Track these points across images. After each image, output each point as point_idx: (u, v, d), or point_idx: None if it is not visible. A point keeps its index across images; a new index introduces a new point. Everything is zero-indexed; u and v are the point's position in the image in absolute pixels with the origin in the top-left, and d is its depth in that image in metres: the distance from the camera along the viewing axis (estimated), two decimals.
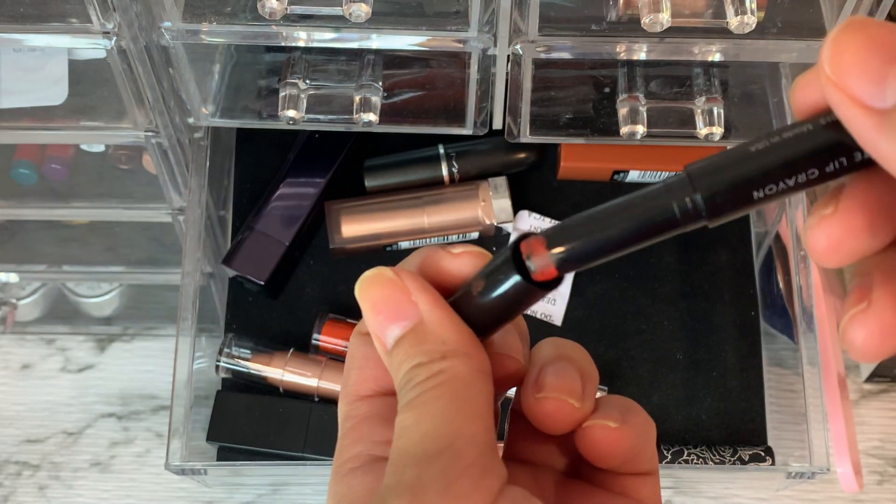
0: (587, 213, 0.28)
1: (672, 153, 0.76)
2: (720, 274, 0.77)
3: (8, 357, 0.83)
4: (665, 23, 0.55)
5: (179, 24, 0.57)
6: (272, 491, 0.78)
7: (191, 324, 0.69)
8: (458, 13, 0.58)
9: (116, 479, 0.79)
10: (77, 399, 0.81)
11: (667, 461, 0.71)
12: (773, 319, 0.77)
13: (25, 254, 0.79)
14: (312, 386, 0.72)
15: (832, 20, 0.57)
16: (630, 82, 0.64)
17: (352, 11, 0.54)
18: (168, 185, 0.69)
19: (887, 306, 0.25)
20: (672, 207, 0.27)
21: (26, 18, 0.57)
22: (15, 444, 0.80)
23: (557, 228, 0.28)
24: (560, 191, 0.79)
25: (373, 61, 0.64)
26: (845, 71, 0.23)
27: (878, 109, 0.23)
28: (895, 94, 0.23)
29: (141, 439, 0.80)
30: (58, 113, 0.64)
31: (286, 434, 0.71)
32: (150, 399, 0.81)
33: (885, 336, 0.25)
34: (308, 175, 0.77)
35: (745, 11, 0.54)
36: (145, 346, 0.83)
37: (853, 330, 0.25)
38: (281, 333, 0.76)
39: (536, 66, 0.60)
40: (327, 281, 0.77)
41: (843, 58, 0.23)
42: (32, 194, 0.72)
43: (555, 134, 0.67)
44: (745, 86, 0.66)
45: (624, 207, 0.28)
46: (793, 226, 0.72)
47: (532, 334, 0.33)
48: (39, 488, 0.78)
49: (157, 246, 0.79)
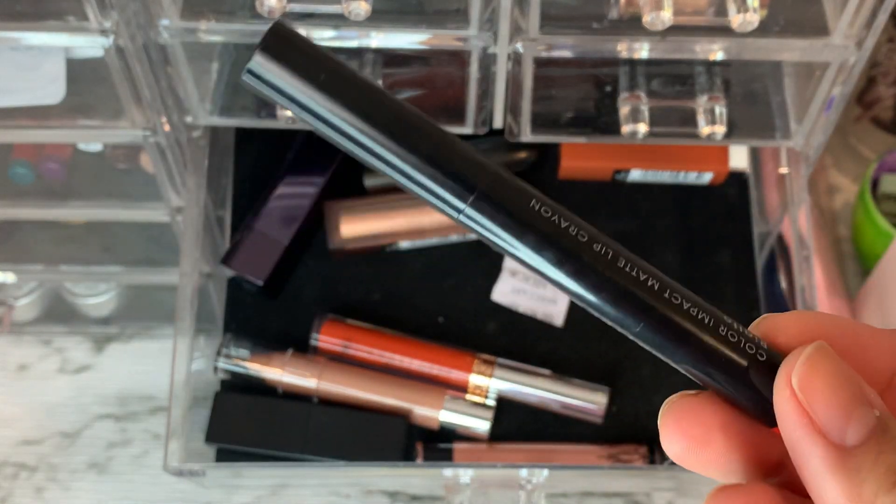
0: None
1: (674, 152, 0.76)
2: (722, 274, 0.77)
3: (5, 357, 0.83)
4: (667, 21, 0.54)
5: (177, 23, 0.57)
6: (271, 492, 0.77)
7: (189, 324, 0.69)
8: (458, 11, 0.58)
9: (114, 480, 0.78)
10: (74, 400, 0.81)
11: (669, 462, 0.70)
12: None
13: (22, 254, 0.78)
14: (311, 387, 0.72)
15: (835, 19, 0.57)
16: (631, 81, 0.64)
17: (351, 9, 0.54)
18: (166, 185, 0.69)
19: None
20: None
21: (23, 16, 0.57)
22: (11, 446, 0.80)
23: None
24: (561, 190, 0.78)
25: (372, 60, 0.64)
26: (815, 395, 0.23)
27: (837, 445, 0.22)
28: (856, 434, 0.22)
29: (139, 440, 0.80)
30: (55, 112, 0.63)
31: (285, 435, 0.71)
32: (147, 400, 0.81)
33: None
34: (307, 175, 0.76)
35: (747, 9, 0.54)
36: (143, 347, 0.83)
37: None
38: (280, 334, 0.75)
39: (537, 65, 0.60)
40: (326, 281, 0.77)
41: (815, 381, 0.23)
42: (29, 194, 0.72)
43: (555, 133, 0.66)
44: (748, 84, 0.66)
45: None
46: (795, 226, 0.72)
47: (533, 335, 0.33)
48: (36, 490, 0.78)
49: (155, 246, 0.78)
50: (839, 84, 0.60)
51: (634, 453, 0.72)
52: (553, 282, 0.24)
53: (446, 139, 0.24)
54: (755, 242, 0.78)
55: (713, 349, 0.25)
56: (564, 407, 0.73)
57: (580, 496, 0.76)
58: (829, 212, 0.88)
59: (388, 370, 0.73)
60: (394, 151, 0.23)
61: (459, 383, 0.72)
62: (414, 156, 0.23)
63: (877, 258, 0.78)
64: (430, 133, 0.24)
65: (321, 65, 0.23)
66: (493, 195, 0.24)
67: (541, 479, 0.68)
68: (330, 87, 0.23)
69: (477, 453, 0.72)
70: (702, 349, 0.25)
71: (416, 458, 0.71)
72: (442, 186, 0.24)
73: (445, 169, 0.24)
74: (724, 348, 0.25)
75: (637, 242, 0.76)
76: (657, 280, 0.24)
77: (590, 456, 0.72)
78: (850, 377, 0.23)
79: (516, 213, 0.24)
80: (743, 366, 0.24)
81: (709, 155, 0.77)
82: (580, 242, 0.24)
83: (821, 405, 0.23)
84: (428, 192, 0.24)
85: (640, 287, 0.24)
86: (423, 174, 0.24)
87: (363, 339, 0.73)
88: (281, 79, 0.23)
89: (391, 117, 0.23)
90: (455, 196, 0.24)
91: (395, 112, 0.23)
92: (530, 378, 0.72)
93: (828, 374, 0.23)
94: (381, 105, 0.23)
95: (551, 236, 0.24)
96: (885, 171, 0.82)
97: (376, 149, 0.23)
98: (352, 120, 0.23)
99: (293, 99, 0.23)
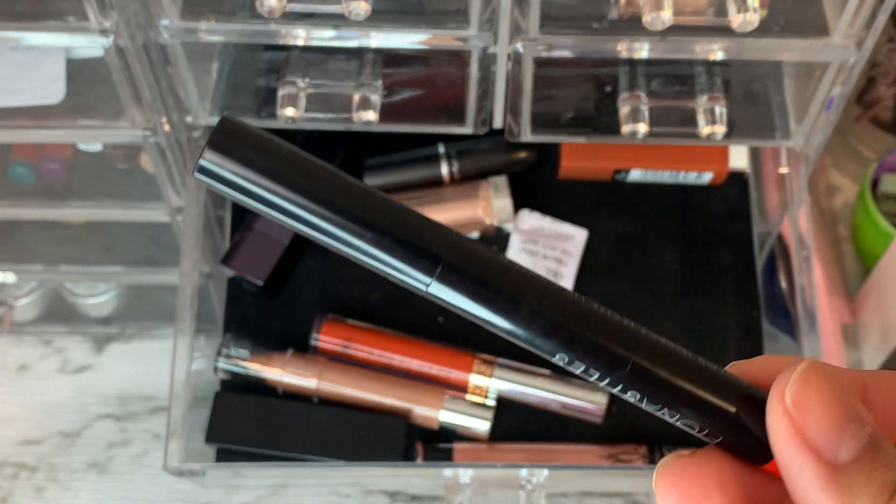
0: None
1: (674, 152, 0.76)
2: (722, 274, 0.77)
3: (5, 358, 0.83)
4: (666, 21, 0.54)
5: (178, 23, 0.57)
6: (271, 492, 0.77)
7: (189, 324, 0.69)
8: (458, 11, 0.57)
9: (114, 480, 0.78)
10: (74, 400, 0.81)
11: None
12: (775, 320, 0.76)
13: (22, 254, 0.78)
14: (311, 387, 0.72)
15: (835, 19, 0.57)
16: (631, 81, 0.64)
17: (351, 9, 0.54)
18: (166, 185, 0.69)
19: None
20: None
21: (23, 16, 0.57)
22: (12, 446, 0.80)
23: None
24: (561, 190, 0.78)
25: (372, 60, 0.64)
26: (808, 412, 0.23)
27: (830, 463, 0.22)
28: (849, 451, 0.22)
29: (139, 440, 0.80)
30: (55, 112, 0.63)
31: (285, 435, 0.71)
32: (147, 400, 0.81)
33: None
34: None
35: (747, 9, 0.54)
36: (143, 347, 0.83)
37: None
38: (280, 334, 0.75)
39: (537, 65, 0.60)
40: (326, 281, 0.77)
41: (808, 398, 0.23)
42: (30, 194, 0.72)
43: (555, 133, 0.66)
44: (748, 84, 0.66)
45: None
46: (795, 226, 0.72)
47: None
48: (37, 490, 0.78)
49: (155, 246, 0.78)
50: (839, 84, 0.60)
51: (634, 453, 0.72)
52: (528, 344, 0.25)
53: (405, 216, 0.24)
54: (755, 242, 0.78)
55: (699, 398, 0.25)
56: (564, 407, 0.73)
57: (580, 496, 0.76)
58: (829, 212, 0.88)
59: (388, 370, 0.73)
60: (355, 234, 0.23)
61: (459, 383, 0.72)
62: (375, 237, 0.23)
63: (877, 258, 0.78)
64: (388, 211, 0.23)
65: (272, 155, 0.23)
66: (458, 268, 0.24)
67: (541, 479, 0.68)
68: (283, 176, 0.23)
69: (477, 453, 0.72)
70: (687, 398, 0.25)
71: (416, 458, 0.71)
72: (406, 264, 0.24)
73: (406, 246, 0.23)
74: (710, 395, 0.25)
75: (637, 242, 0.76)
76: (632, 336, 0.25)
77: (590, 456, 0.72)
78: (843, 394, 0.23)
79: (483, 285, 0.24)
80: (732, 411, 0.25)
81: (709, 155, 0.77)
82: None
83: (814, 422, 0.23)
84: (393, 270, 0.24)
85: (615, 341, 0.25)
86: (386, 253, 0.23)
87: (363, 339, 0.73)
88: (233, 173, 0.23)
89: (347, 201, 0.23)
90: (420, 272, 0.24)
91: (351, 194, 0.23)
92: (530, 378, 0.72)
93: (821, 390, 0.23)
94: (336, 189, 0.23)
95: (520, 301, 0.24)
96: (885, 171, 0.82)
97: (338, 233, 0.23)
98: (308, 206, 0.23)
99: (248, 192, 0.23)
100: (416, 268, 0.24)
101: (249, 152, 0.23)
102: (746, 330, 0.75)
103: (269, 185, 0.23)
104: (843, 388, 0.23)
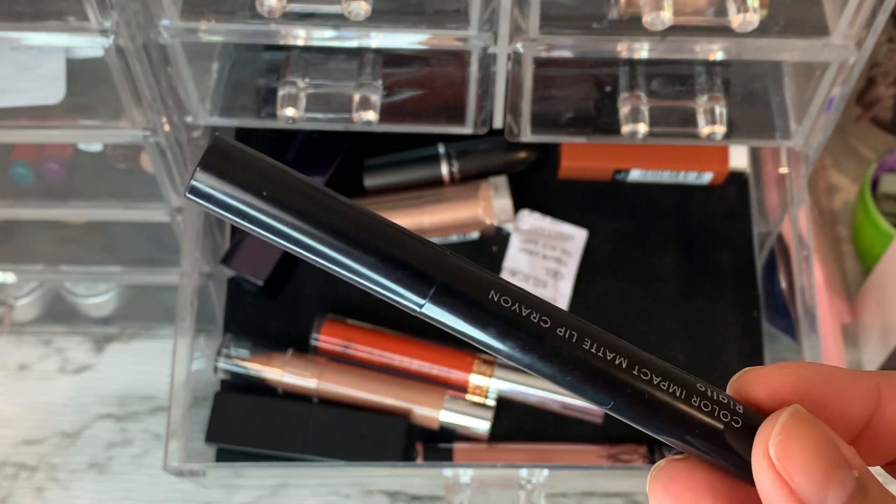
0: None
1: (674, 152, 0.76)
2: (722, 274, 0.77)
3: (5, 357, 0.83)
4: (666, 21, 0.54)
5: (178, 23, 0.57)
6: (271, 492, 0.77)
7: (189, 324, 0.69)
8: (458, 11, 0.57)
9: (114, 480, 0.78)
10: (74, 400, 0.81)
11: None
12: (775, 320, 0.76)
13: (23, 254, 0.78)
14: (311, 387, 0.72)
15: (835, 19, 0.57)
16: (631, 81, 0.64)
17: (351, 9, 0.54)
18: (166, 185, 0.69)
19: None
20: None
21: (24, 16, 0.57)
22: (12, 446, 0.80)
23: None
24: (561, 190, 0.78)
25: (372, 60, 0.64)
26: (793, 464, 0.22)
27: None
28: (837, 500, 0.22)
29: (139, 440, 0.80)
30: (55, 112, 0.63)
31: (285, 435, 0.71)
32: (148, 400, 0.81)
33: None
34: (307, 174, 0.76)
35: (747, 9, 0.54)
36: (143, 347, 0.83)
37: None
38: (280, 334, 0.75)
39: (537, 65, 0.60)
40: (326, 281, 0.77)
41: (792, 450, 0.23)
42: (30, 194, 0.72)
43: (555, 133, 0.66)
44: (748, 84, 0.66)
45: None
46: (795, 226, 0.72)
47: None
48: (37, 490, 0.78)
49: (155, 246, 0.78)
50: (839, 84, 0.60)
51: (634, 453, 0.72)
52: (523, 365, 0.24)
53: (398, 237, 0.24)
54: (755, 242, 0.78)
55: (686, 419, 0.25)
56: (564, 407, 0.73)
57: (580, 496, 0.76)
58: (829, 212, 0.88)
59: (388, 370, 0.73)
60: (348, 254, 0.23)
61: (459, 383, 0.72)
62: (368, 257, 0.23)
63: (877, 258, 0.78)
64: (381, 232, 0.23)
65: (265, 175, 0.23)
66: (451, 290, 0.24)
67: (541, 479, 0.68)
68: (275, 197, 0.23)
69: (477, 453, 0.72)
70: (675, 420, 0.25)
71: (416, 458, 0.71)
72: (399, 285, 0.24)
73: (400, 267, 0.23)
74: (698, 417, 0.25)
75: (637, 242, 0.76)
76: (625, 357, 0.25)
77: (590, 456, 0.72)
78: (827, 441, 0.23)
79: (476, 307, 0.24)
80: (719, 431, 0.25)
81: (709, 155, 0.77)
82: (543, 329, 0.24)
83: (799, 474, 0.22)
84: (386, 290, 0.24)
85: (608, 366, 0.24)
86: (378, 274, 0.23)
87: (363, 339, 0.73)
88: (225, 194, 0.23)
89: (340, 222, 0.23)
90: (413, 293, 0.24)
91: (344, 216, 0.23)
92: (530, 378, 0.72)
93: (804, 441, 0.23)
94: (329, 211, 0.23)
95: (513, 325, 0.24)
96: (885, 171, 0.82)
97: (331, 254, 0.23)
98: (301, 227, 0.23)
99: (240, 213, 0.23)
100: (410, 289, 0.24)
101: (241, 173, 0.23)
102: (746, 330, 0.75)
103: (261, 206, 0.23)
104: (826, 435, 0.23)
